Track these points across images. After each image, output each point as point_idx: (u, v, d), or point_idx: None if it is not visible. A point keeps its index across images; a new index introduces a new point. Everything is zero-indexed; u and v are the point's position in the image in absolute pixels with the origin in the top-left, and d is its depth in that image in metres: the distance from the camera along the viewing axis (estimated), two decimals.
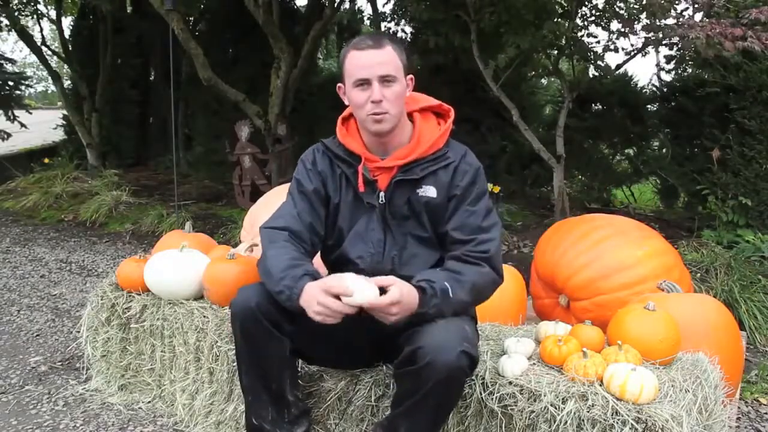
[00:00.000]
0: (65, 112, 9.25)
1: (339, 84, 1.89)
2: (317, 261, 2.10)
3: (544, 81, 7.82)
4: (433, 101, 1.96)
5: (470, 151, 1.92)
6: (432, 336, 1.65)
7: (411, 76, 1.87)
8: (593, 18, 5.25)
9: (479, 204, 1.86)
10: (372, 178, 1.86)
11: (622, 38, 5.03)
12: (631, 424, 1.64)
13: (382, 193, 1.87)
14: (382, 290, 1.64)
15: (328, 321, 1.63)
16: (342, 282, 1.62)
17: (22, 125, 8.40)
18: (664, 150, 6.23)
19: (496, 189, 5.03)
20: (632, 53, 5.26)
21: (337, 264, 1.94)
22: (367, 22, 10.37)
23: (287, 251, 1.79)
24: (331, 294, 1.61)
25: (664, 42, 4.83)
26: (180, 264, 2.50)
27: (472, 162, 1.89)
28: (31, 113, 8.88)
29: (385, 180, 1.87)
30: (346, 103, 1.90)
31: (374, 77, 1.77)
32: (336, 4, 6.91)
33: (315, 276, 1.72)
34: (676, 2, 4.37)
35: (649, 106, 6.38)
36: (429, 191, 1.86)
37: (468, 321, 1.82)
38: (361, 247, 1.89)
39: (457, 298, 1.73)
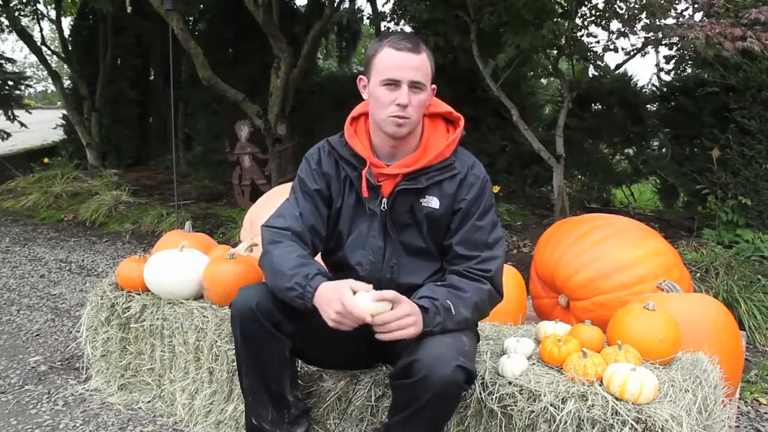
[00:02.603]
0: (65, 112, 9.25)
1: (361, 76, 1.84)
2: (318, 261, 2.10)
3: (544, 81, 7.81)
4: (443, 107, 1.91)
5: (479, 162, 1.88)
6: (428, 349, 1.63)
7: (434, 86, 1.85)
8: (593, 18, 5.25)
9: (485, 219, 1.83)
10: (376, 183, 1.83)
11: (621, 38, 5.04)
12: (631, 424, 1.64)
13: (384, 200, 1.83)
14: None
15: (343, 328, 1.62)
16: (356, 301, 1.60)
17: (22, 125, 8.40)
18: (663, 150, 6.23)
19: (496, 189, 5.03)
20: (632, 53, 5.26)
21: (337, 268, 1.93)
22: (367, 22, 10.37)
23: (294, 249, 1.77)
24: (348, 309, 1.59)
25: (663, 42, 4.83)
26: (180, 264, 2.50)
27: (479, 174, 1.85)
28: (30, 113, 8.88)
29: (388, 186, 1.83)
30: (365, 97, 1.85)
31: (406, 80, 1.72)
32: (336, 4, 6.91)
33: (326, 274, 1.72)
34: (676, 2, 4.37)
35: (648, 105, 6.37)
36: (432, 202, 1.82)
37: (466, 332, 1.80)
38: (360, 254, 1.87)
39: (460, 316, 1.71)
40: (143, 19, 8.99)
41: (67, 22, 10.23)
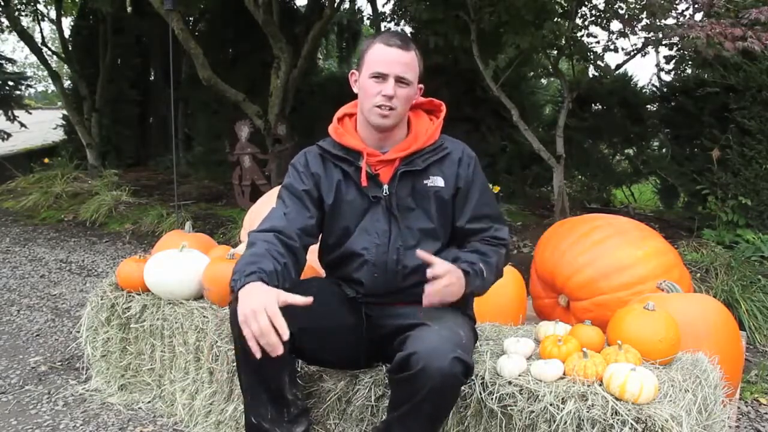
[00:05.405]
0: (65, 112, 9.25)
1: (353, 71, 1.93)
2: (315, 262, 2.10)
3: (544, 81, 7.81)
4: (423, 98, 2.01)
5: (465, 144, 2.00)
6: (425, 342, 1.65)
7: (421, 85, 1.93)
8: (593, 18, 5.25)
9: (487, 193, 1.98)
10: (374, 173, 1.89)
11: (622, 38, 5.03)
12: (631, 424, 1.64)
13: (385, 186, 1.89)
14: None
15: (246, 330, 1.55)
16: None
17: (22, 125, 8.41)
18: (664, 150, 6.24)
19: (496, 189, 5.03)
20: (632, 53, 5.26)
21: (340, 261, 1.94)
22: (367, 22, 10.38)
23: (263, 246, 1.75)
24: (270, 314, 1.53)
25: (664, 42, 4.83)
26: (180, 264, 2.50)
27: (471, 154, 1.98)
28: (30, 113, 8.89)
29: (387, 173, 1.90)
30: (355, 90, 1.92)
31: (392, 74, 1.82)
32: (336, 4, 6.91)
33: (268, 275, 1.65)
34: (677, 2, 4.37)
35: (649, 106, 6.38)
36: (437, 181, 1.91)
37: (463, 325, 1.82)
38: (366, 239, 1.90)
39: (488, 280, 1.85)
40: (143, 19, 8.99)
41: (67, 23, 10.24)
